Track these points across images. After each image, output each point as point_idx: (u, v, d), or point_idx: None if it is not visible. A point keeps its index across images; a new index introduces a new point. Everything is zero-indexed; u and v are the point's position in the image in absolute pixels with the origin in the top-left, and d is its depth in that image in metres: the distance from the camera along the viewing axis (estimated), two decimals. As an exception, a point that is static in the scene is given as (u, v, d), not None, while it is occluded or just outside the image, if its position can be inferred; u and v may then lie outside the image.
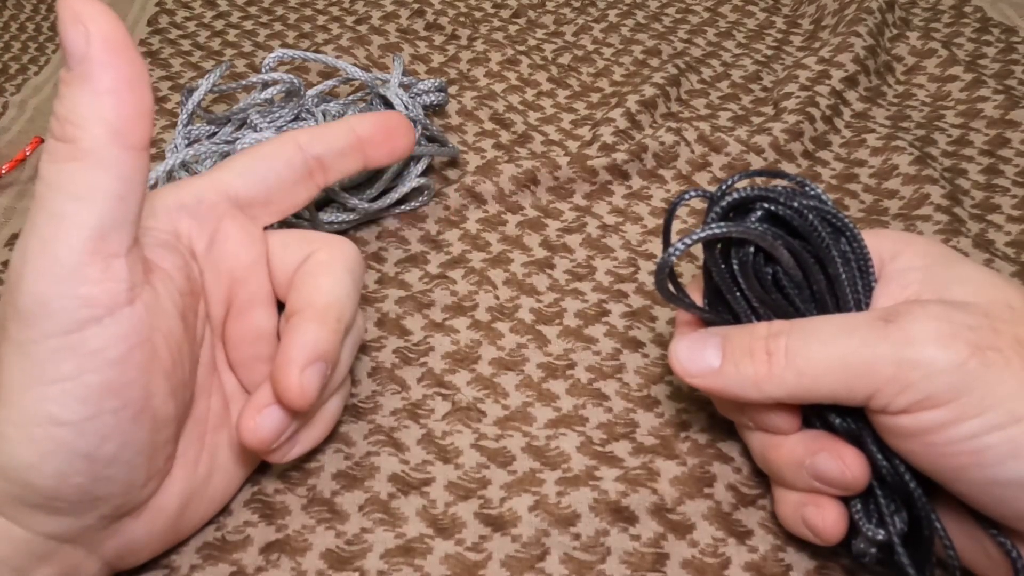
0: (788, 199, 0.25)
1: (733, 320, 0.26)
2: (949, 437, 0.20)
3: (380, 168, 0.31)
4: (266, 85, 0.39)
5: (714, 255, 0.26)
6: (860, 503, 0.23)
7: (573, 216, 0.39)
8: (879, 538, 0.23)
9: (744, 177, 0.27)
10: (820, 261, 0.25)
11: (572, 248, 0.37)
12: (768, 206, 0.25)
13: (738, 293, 0.26)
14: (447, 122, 0.45)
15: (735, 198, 0.25)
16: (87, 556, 0.22)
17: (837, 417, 0.23)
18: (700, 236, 0.25)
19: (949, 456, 0.21)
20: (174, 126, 0.44)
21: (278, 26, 0.55)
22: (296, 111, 0.38)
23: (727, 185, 0.26)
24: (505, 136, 0.44)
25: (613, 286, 0.35)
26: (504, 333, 0.33)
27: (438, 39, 0.53)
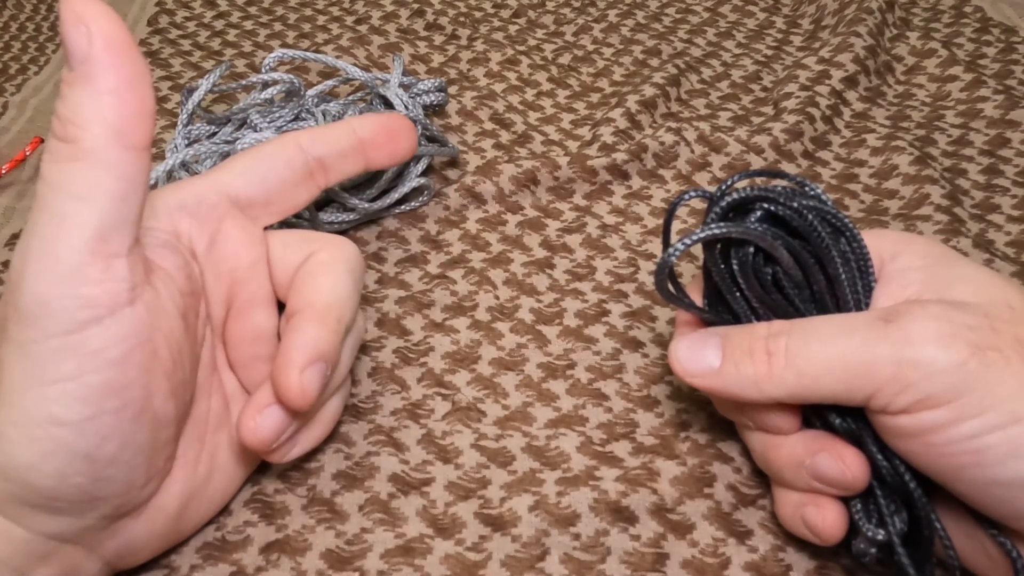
0: (788, 199, 0.25)
1: (733, 320, 0.26)
2: (949, 437, 0.20)
3: (381, 169, 0.31)
4: (266, 85, 0.39)
5: (714, 255, 0.26)
6: (860, 503, 0.23)
7: (573, 216, 0.39)
8: (879, 538, 0.23)
9: (744, 177, 0.27)
10: (820, 261, 0.25)
11: (572, 248, 0.37)
12: (768, 206, 0.25)
13: (738, 293, 0.26)
14: (447, 122, 0.45)
15: (735, 198, 0.25)
16: (87, 556, 0.22)
17: (837, 417, 0.23)
18: (700, 236, 0.25)
19: (949, 456, 0.21)
20: (174, 126, 0.44)
21: (278, 26, 0.55)
22: (296, 111, 0.38)
23: (727, 185, 0.26)
24: (505, 136, 0.44)
25: (613, 286, 0.35)
26: (504, 333, 0.33)
27: (438, 39, 0.53)
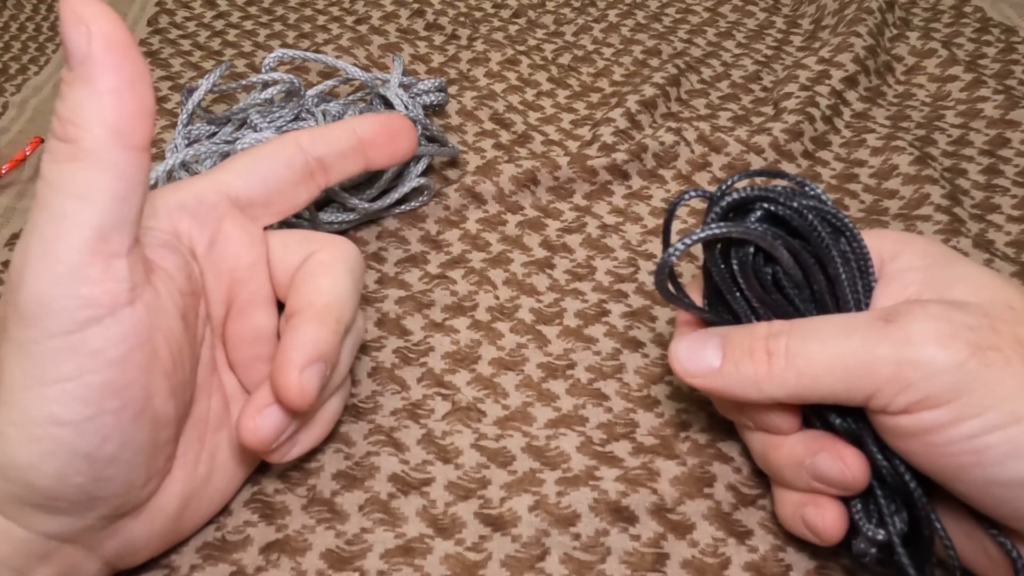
0: (788, 199, 0.25)
1: (733, 320, 0.26)
2: (949, 437, 0.20)
3: (381, 169, 0.31)
4: (266, 85, 0.39)
5: (714, 255, 0.26)
6: (860, 503, 0.23)
7: (573, 216, 0.39)
8: (879, 538, 0.23)
9: (744, 177, 0.27)
10: (820, 261, 0.25)
11: (572, 248, 0.37)
12: (768, 206, 0.25)
13: (738, 293, 0.26)
14: (447, 122, 0.45)
15: (735, 198, 0.25)
16: (87, 556, 0.22)
17: (837, 417, 0.23)
18: (700, 236, 0.25)
19: (949, 456, 0.21)
20: (174, 126, 0.44)
21: (278, 26, 0.55)
22: (296, 111, 0.38)
23: (727, 185, 0.26)
24: (505, 136, 0.44)
25: (613, 286, 0.35)
26: (504, 333, 0.33)
27: (438, 39, 0.53)
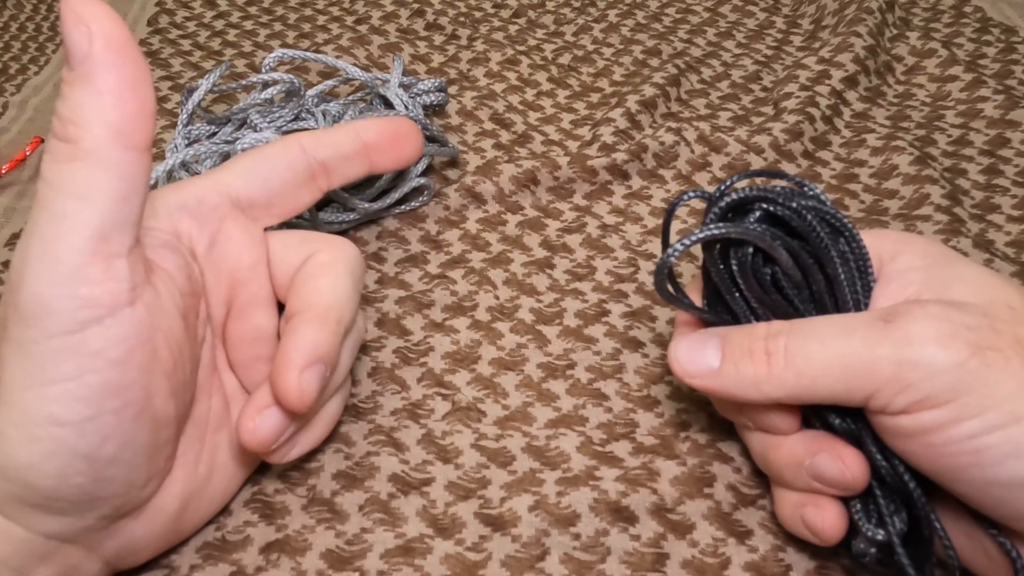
0: (787, 199, 0.25)
1: (732, 321, 0.26)
2: (949, 437, 0.20)
3: (384, 173, 0.31)
4: (266, 85, 0.39)
5: (713, 256, 0.26)
6: (860, 503, 0.23)
7: (573, 216, 0.39)
8: (879, 538, 0.23)
9: (743, 177, 0.27)
10: (819, 261, 0.25)
11: (572, 248, 0.37)
12: (767, 207, 0.25)
13: (737, 294, 0.26)
14: (447, 122, 0.45)
15: (734, 199, 0.25)
16: (87, 556, 0.22)
17: (837, 417, 0.23)
18: (699, 237, 0.25)
19: (949, 456, 0.21)
20: (174, 126, 0.44)
21: (278, 26, 0.55)
22: (296, 111, 0.38)
23: (726, 186, 0.26)
24: (505, 136, 0.44)
25: (613, 286, 0.35)
26: (504, 333, 0.33)
27: (438, 39, 0.53)
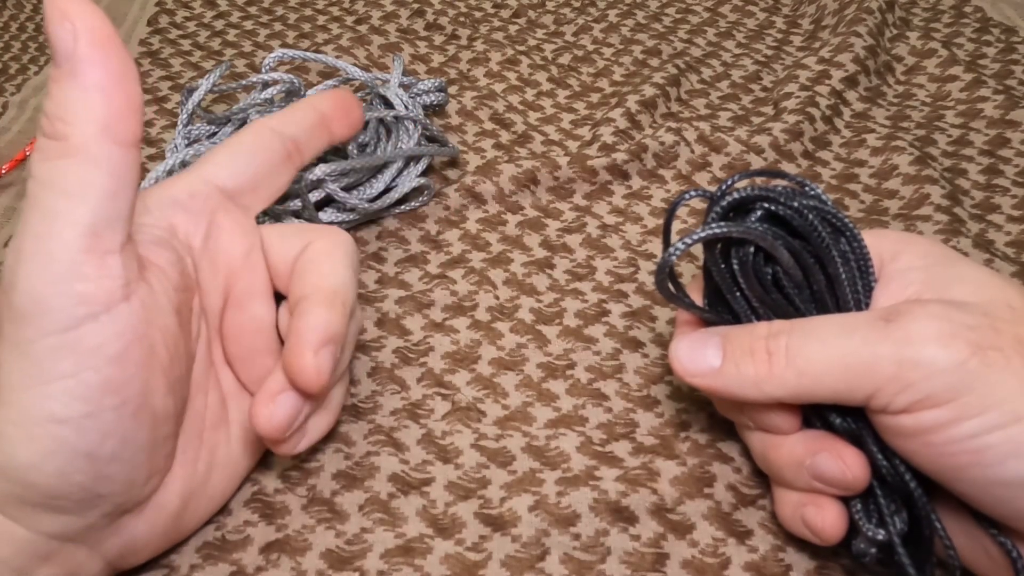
0: (788, 199, 0.25)
1: (733, 320, 0.26)
2: (950, 436, 0.20)
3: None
4: (266, 85, 0.39)
5: (714, 255, 0.26)
6: (860, 503, 0.23)
7: (573, 216, 0.39)
8: (879, 538, 0.23)
9: (744, 177, 0.27)
10: (820, 261, 0.25)
11: (572, 248, 0.37)
12: (768, 206, 0.25)
13: (738, 293, 0.26)
14: (447, 122, 0.45)
15: (735, 198, 0.25)
16: (89, 555, 0.22)
17: (837, 417, 0.23)
18: (700, 236, 0.25)
19: (949, 456, 0.21)
20: (174, 126, 0.44)
21: (278, 26, 0.55)
22: (296, 111, 0.38)
23: (727, 185, 0.26)
24: (505, 136, 0.44)
25: (613, 286, 0.35)
26: (504, 333, 0.33)
27: (438, 39, 0.53)
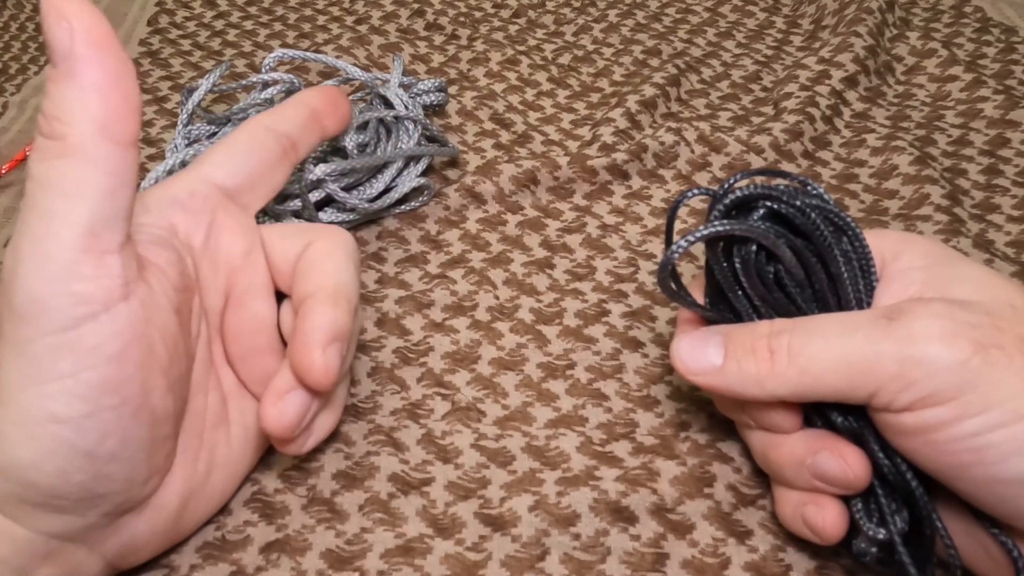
0: (790, 198, 0.25)
1: (735, 319, 0.26)
2: (952, 435, 0.20)
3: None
4: (266, 85, 0.39)
5: (716, 253, 0.26)
6: (861, 502, 0.23)
7: (573, 216, 0.39)
8: (880, 537, 0.22)
9: (745, 176, 0.27)
10: (822, 260, 0.25)
11: (572, 248, 0.37)
12: (770, 204, 0.25)
13: (740, 292, 0.25)
14: (447, 122, 0.45)
15: (737, 196, 0.25)
16: (89, 555, 0.22)
17: (839, 415, 0.23)
18: (703, 234, 0.25)
19: (951, 454, 0.21)
20: (174, 126, 0.44)
21: (278, 26, 0.55)
22: (296, 111, 0.38)
23: (729, 183, 0.26)
24: (505, 136, 0.44)
25: (613, 286, 0.35)
26: (504, 333, 0.33)
27: (438, 39, 0.53)
